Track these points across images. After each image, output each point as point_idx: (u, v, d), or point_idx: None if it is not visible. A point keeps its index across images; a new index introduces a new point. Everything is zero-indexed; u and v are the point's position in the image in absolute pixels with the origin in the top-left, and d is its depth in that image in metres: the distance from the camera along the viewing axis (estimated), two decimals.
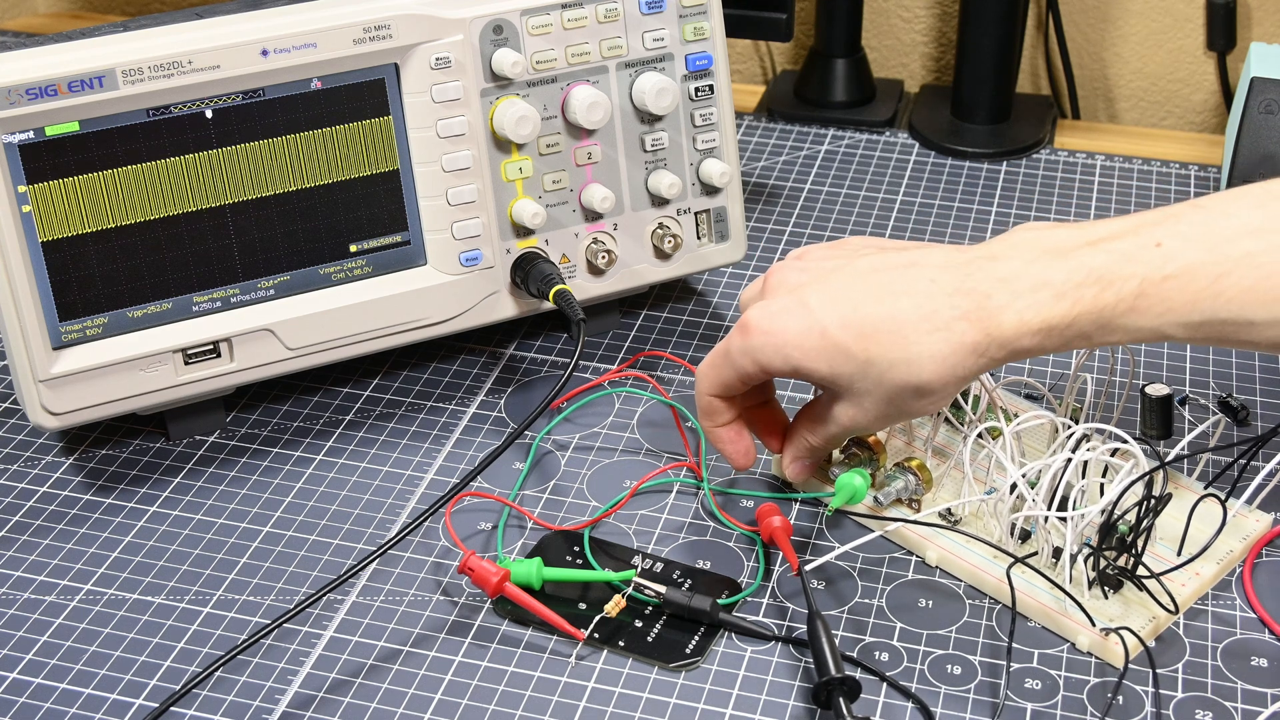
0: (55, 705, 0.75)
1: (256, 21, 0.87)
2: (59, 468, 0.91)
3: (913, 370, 0.74)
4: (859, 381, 0.75)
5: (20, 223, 0.84)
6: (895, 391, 0.75)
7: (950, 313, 0.73)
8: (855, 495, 0.83)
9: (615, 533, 0.86)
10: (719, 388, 0.81)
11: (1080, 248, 0.73)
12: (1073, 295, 0.72)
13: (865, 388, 0.75)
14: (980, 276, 0.74)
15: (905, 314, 0.74)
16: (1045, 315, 0.72)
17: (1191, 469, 0.88)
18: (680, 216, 1.00)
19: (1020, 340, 0.73)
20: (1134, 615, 0.77)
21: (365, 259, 0.93)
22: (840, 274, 0.77)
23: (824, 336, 0.75)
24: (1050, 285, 0.72)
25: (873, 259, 0.78)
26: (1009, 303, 0.73)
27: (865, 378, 0.75)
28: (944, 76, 1.42)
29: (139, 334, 0.88)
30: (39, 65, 0.82)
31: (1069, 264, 0.72)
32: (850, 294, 0.76)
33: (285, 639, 0.79)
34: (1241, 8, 1.32)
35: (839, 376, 0.76)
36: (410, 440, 0.93)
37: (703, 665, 0.77)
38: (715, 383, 0.81)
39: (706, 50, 0.97)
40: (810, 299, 0.76)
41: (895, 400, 0.75)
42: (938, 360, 0.73)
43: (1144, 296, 0.71)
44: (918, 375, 0.74)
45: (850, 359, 0.75)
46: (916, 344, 0.73)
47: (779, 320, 0.76)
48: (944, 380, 0.74)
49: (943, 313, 0.73)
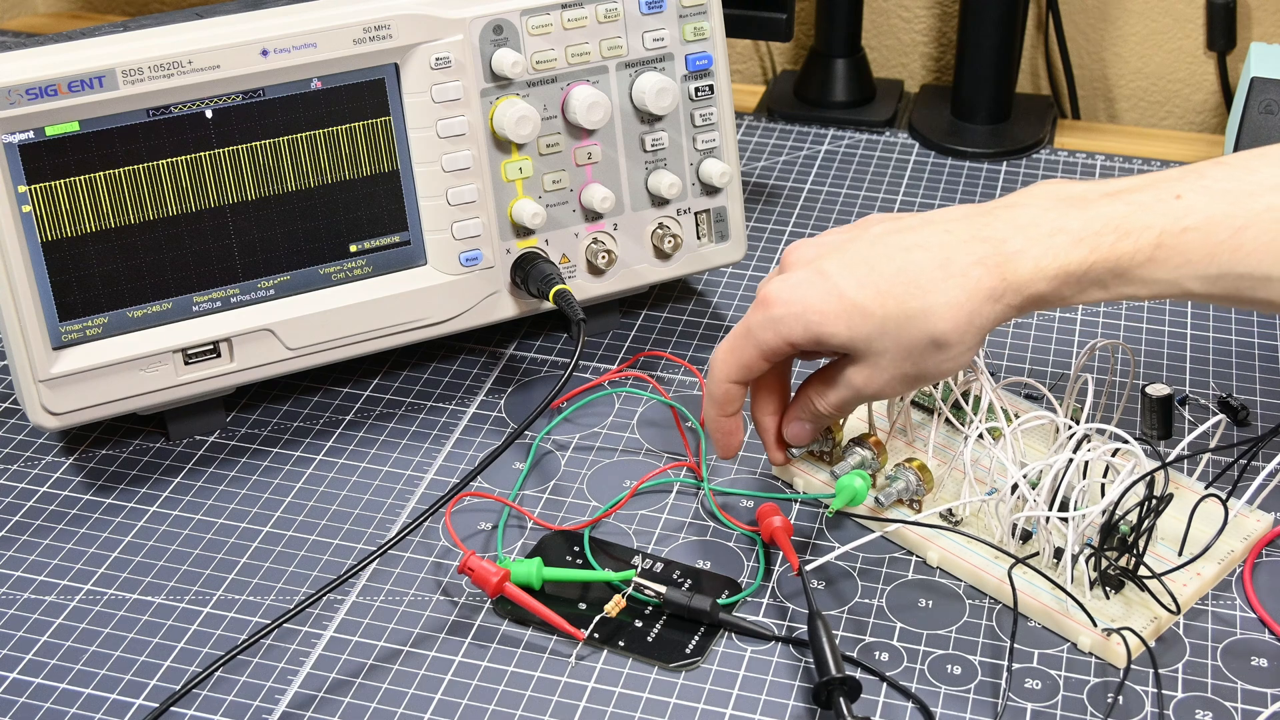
0: (55, 705, 0.75)
1: (256, 21, 0.87)
2: (59, 468, 0.91)
3: (930, 320, 0.73)
4: (877, 340, 0.74)
5: (20, 223, 0.84)
6: (913, 346, 0.74)
7: (966, 259, 0.73)
8: (856, 497, 0.83)
9: (615, 533, 0.86)
10: (739, 370, 0.80)
11: (1100, 198, 0.73)
12: (1090, 242, 0.72)
13: (883, 346, 0.75)
14: (998, 224, 0.74)
15: (920, 264, 0.73)
16: (1062, 261, 0.72)
17: (1192, 469, 0.88)
18: (680, 216, 1.00)
19: (1036, 284, 0.72)
20: (1135, 615, 0.77)
21: (365, 259, 0.93)
22: (855, 243, 0.77)
23: (842, 299, 0.74)
24: (1067, 231, 0.72)
25: (888, 225, 0.77)
26: (1025, 248, 0.72)
27: (884, 335, 0.74)
28: (944, 76, 1.42)
29: (139, 334, 0.88)
30: (39, 65, 0.82)
31: (1087, 213, 0.72)
32: (867, 257, 0.75)
33: (285, 639, 0.79)
34: (1241, 8, 1.32)
35: (857, 338, 0.75)
36: (410, 440, 0.93)
37: (703, 665, 0.77)
38: (735, 366, 0.80)
39: (706, 50, 0.97)
40: (827, 266, 0.76)
41: (913, 356, 0.74)
42: (955, 307, 0.73)
43: (1162, 247, 0.71)
44: (935, 325, 0.73)
45: (868, 317, 0.74)
46: (933, 292, 0.73)
47: (798, 290, 0.76)
48: (962, 330, 0.73)
49: (958, 259, 0.73)
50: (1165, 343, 1.01)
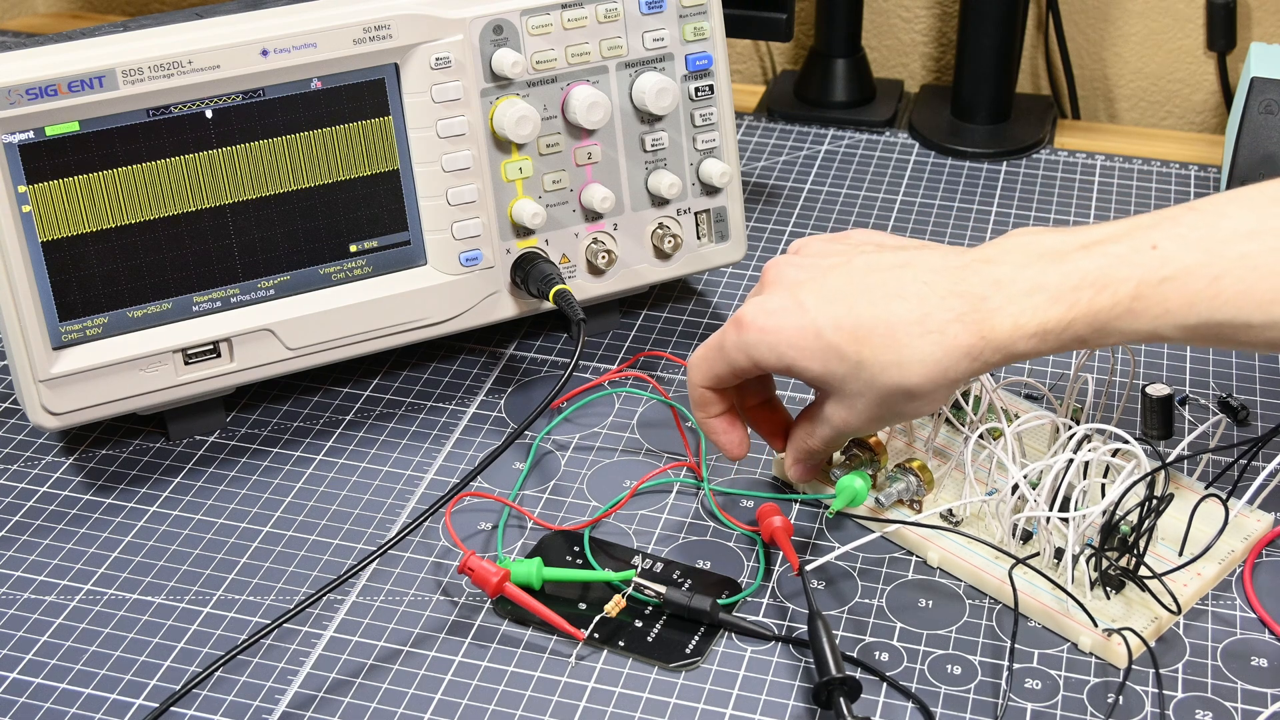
0: (55, 705, 0.75)
1: (256, 21, 0.87)
2: (59, 468, 0.91)
3: (904, 373, 0.73)
4: (850, 383, 0.75)
5: (20, 223, 0.84)
6: (886, 394, 0.75)
7: (944, 315, 0.73)
8: (856, 498, 0.83)
9: (615, 533, 0.86)
10: (711, 379, 0.81)
11: (1074, 251, 0.73)
12: (1069, 299, 0.72)
13: (857, 389, 0.75)
14: (975, 280, 0.73)
15: (898, 316, 0.74)
16: (1041, 319, 0.72)
17: (1192, 469, 0.88)
18: (680, 216, 0.99)
19: (1016, 344, 0.72)
20: (1136, 616, 0.77)
21: (365, 259, 0.93)
22: (836, 272, 0.77)
23: (818, 337, 0.75)
24: (1045, 289, 0.72)
25: (870, 258, 0.77)
26: (1003, 306, 0.72)
27: (857, 379, 0.75)
28: (944, 76, 1.42)
29: (139, 334, 0.88)
30: (39, 65, 0.82)
31: (1063, 268, 0.72)
32: (845, 294, 0.75)
33: (285, 639, 0.79)
34: (1241, 8, 1.32)
35: (831, 377, 0.76)
36: (410, 440, 0.93)
37: (703, 665, 0.77)
38: (707, 375, 0.81)
39: (706, 50, 0.97)
40: (806, 299, 0.76)
41: (886, 402, 0.75)
42: (928, 364, 0.73)
43: (1140, 299, 0.71)
44: (908, 378, 0.74)
45: (843, 360, 0.75)
46: (908, 347, 0.73)
47: (774, 318, 0.77)
48: (934, 383, 0.74)
49: (936, 315, 0.73)
50: (1163, 343, 1.01)
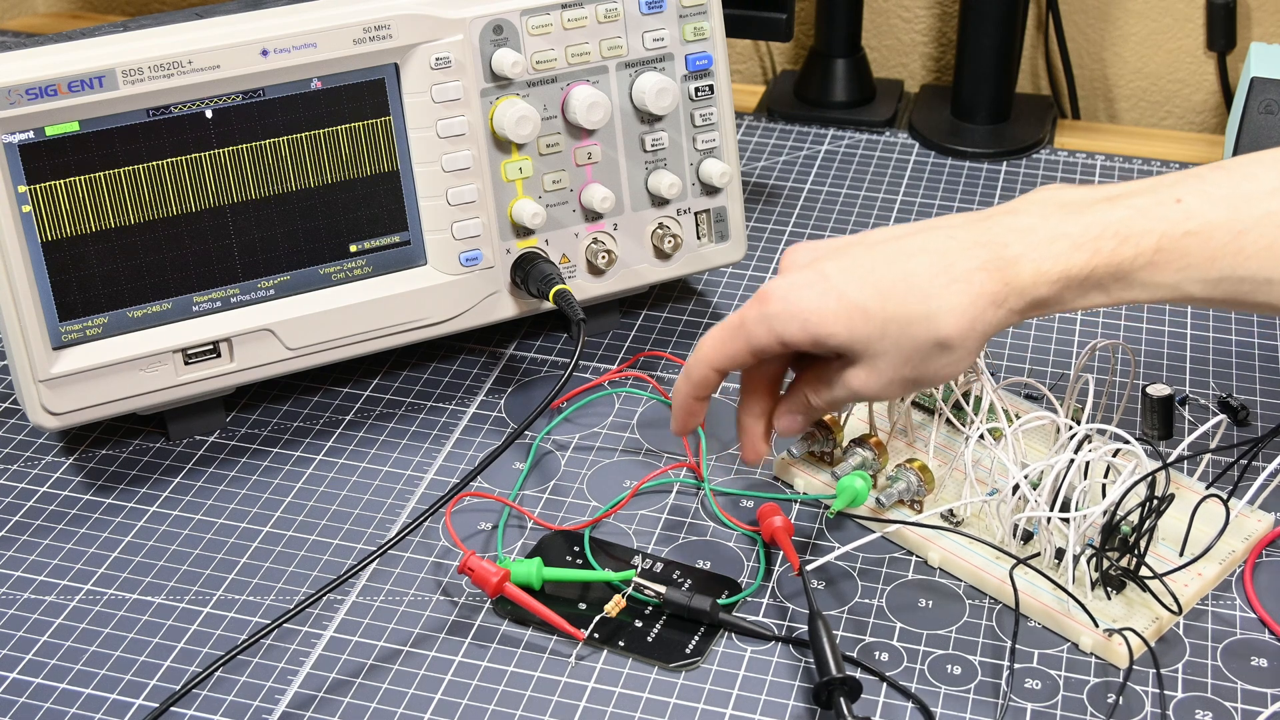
0: (55, 705, 0.75)
1: (256, 21, 0.87)
2: (59, 468, 0.91)
3: (933, 325, 0.73)
4: (877, 343, 0.74)
5: (20, 223, 0.84)
6: (915, 349, 0.74)
7: (968, 264, 0.73)
8: (857, 498, 0.83)
9: (615, 533, 0.86)
10: (724, 360, 0.79)
11: (1099, 203, 0.73)
12: (1090, 247, 0.72)
13: (883, 348, 0.74)
14: (998, 229, 0.74)
15: (923, 269, 0.73)
16: (1063, 265, 0.72)
17: (1193, 469, 0.88)
18: (680, 216, 0.99)
19: (1038, 289, 0.72)
20: (1137, 616, 0.77)
21: (365, 259, 0.93)
22: (855, 247, 0.77)
23: (842, 299, 0.74)
24: (1068, 236, 0.72)
25: (888, 231, 0.78)
26: (1026, 252, 0.73)
27: (884, 337, 0.74)
28: (944, 76, 1.42)
29: (139, 334, 0.88)
30: (39, 65, 0.82)
31: (1086, 218, 0.73)
32: (867, 260, 0.75)
33: (285, 639, 0.79)
34: (1241, 8, 1.32)
35: (856, 339, 0.74)
36: (410, 440, 0.93)
37: (703, 665, 0.77)
38: (721, 355, 0.79)
39: (706, 50, 0.97)
40: (828, 269, 0.75)
41: (914, 360, 0.74)
42: (957, 312, 0.73)
43: (1162, 251, 0.71)
44: (939, 329, 0.73)
45: (869, 319, 0.74)
46: (935, 297, 0.73)
47: (796, 290, 0.76)
48: (964, 333, 0.73)
49: (960, 264, 0.73)
50: (1165, 343, 1.01)
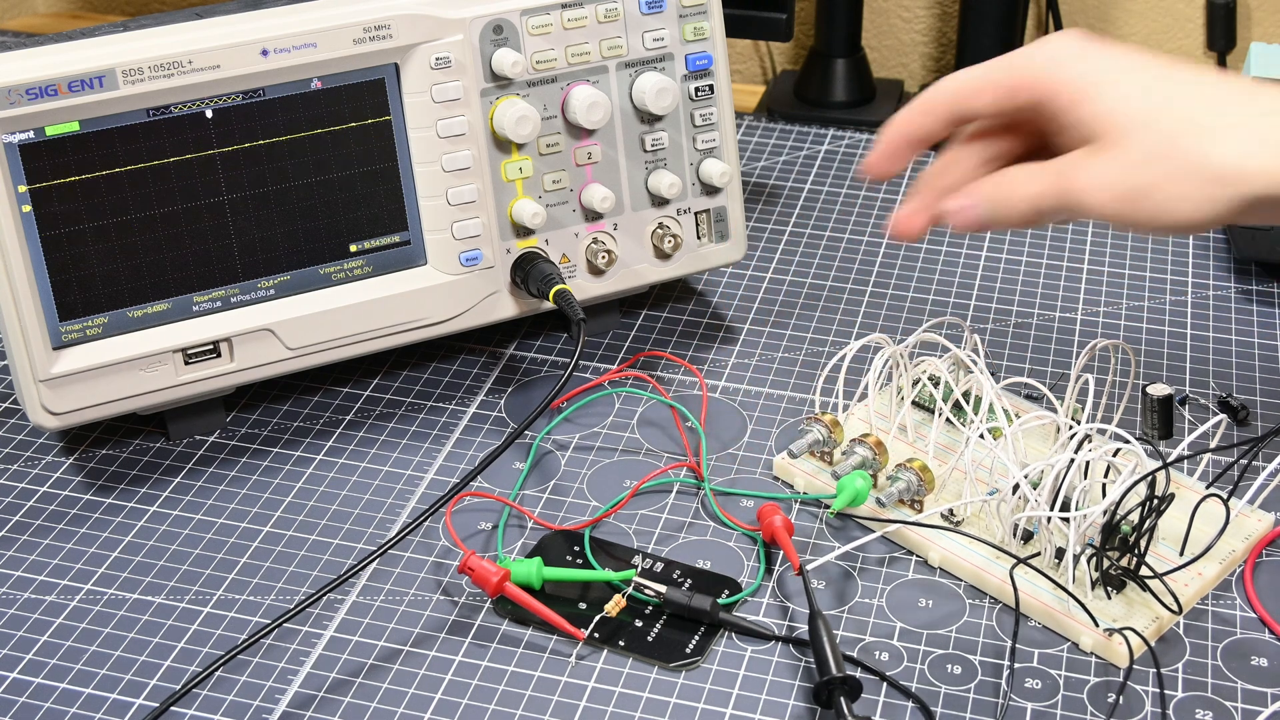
0: (55, 705, 0.75)
1: (256, 21, 0.87)
2: (59, 468, 0.91)
3: (1216, 140, 0.64)
4: (1139, 131, 0.65)
5: (20, 223, 0.84)
6: (1178, 160, 0.64)
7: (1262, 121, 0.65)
8: (857, 497, 0.83)
9: (615, 533, 0.86)
10: (955, 99, 0.71)
11: None
12: None
13: (1143, 139, 0.65)
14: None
15: (1222, 92, 0.66)
16: None
17: (1193, 469, 0.88)
18: (680, 216, 0.99)
19: None
20: (1137, 615, 0.77)
21: (365, 259, 0.93)
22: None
23: (1128, 72, 0.67)
24: None
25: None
26: None
27: (1155, 128, 0.65)
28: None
29: (139, 334, 0.88)
30: (39, 65, 0.82)
31: None
32: (1154, 65, 0.68)
33: (285, 639, 0.79)
34: (1241, 8, 1.32)
35: (1120, 114, 0.66)
36: (410, 440, 0.93)
37: (703, 665, 0.77)
38: (959, 91, 0.71)
39: (706, 50, 0.97)
40: (1111, 49, 0.69)
41: (1166, 169, 0.65)
42: (1245, 156, 0.63)
43: None
44: (1215, 150, 0.64)
45: (1148, 95, 0.66)
46: (1228, 125, 0.64)
47: (1087, 51, 0.68)
48: (1240, 169, 0.63)
49: (1257, 120, 0.65)
50: (1165, 343, 1.01)
